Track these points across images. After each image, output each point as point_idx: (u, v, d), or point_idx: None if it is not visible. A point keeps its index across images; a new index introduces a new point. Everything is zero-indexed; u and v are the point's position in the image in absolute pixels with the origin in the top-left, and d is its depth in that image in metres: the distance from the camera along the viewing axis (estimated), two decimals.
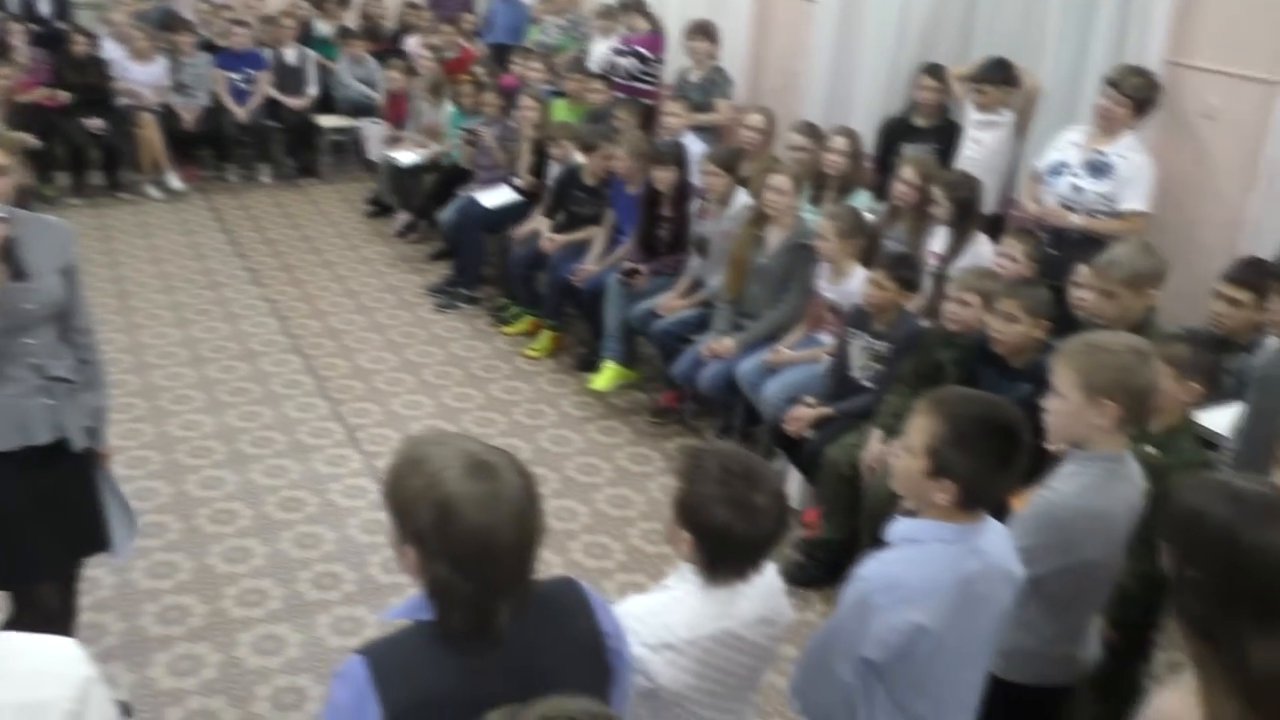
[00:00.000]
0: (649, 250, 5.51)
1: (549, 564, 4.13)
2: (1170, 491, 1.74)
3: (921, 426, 2.03)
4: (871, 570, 2.04)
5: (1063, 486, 2.35)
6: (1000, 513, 2.44)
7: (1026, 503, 2.40)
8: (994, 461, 1.97)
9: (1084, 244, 4.32)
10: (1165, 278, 3.51)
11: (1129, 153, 4.39)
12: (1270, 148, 4.14)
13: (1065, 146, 4.59)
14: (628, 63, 7.25)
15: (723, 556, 1.93)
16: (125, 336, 5.83)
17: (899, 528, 2.08)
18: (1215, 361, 2.96)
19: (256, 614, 3.77)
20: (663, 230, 5.49)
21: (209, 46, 8.57)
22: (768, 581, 2.06)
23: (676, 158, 5.35)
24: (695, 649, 1.94)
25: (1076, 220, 4.44)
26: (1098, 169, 4.42)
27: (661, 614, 1.95)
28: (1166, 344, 2.92)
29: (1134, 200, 4.36)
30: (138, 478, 4.51)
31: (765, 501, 1.89)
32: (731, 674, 2.03)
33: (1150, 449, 2.85)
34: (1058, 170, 4.56)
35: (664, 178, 5.33)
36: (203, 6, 8.96)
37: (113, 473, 3.10)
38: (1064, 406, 2.32)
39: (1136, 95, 4.35)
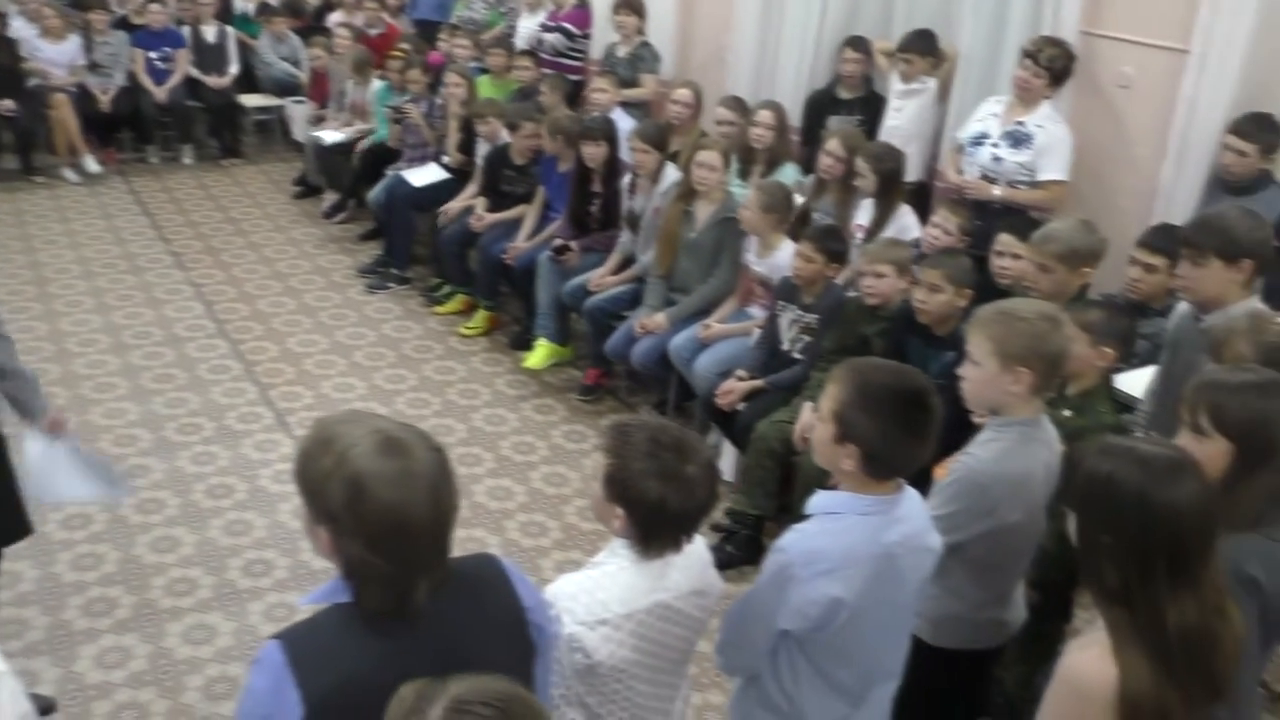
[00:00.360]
0: (580, 227, 5.49)
1: (485, 543, 4.12)
2: (1076, 462, 1.78)
3: (831, 393, 2.05)
4: (790, 542, 2.05)
5: (981, 452, 2.39)
6: (923, 483, 2.49)
7: (947, 471, 2.44)
8: (896, 426, 1.98)
9: (1005, 214, 4.41)
10: (1103, 257, 3.56)
11: (1047, 123, 4.47)
12: (1180, 117, 4.24)
13: (985, 117, 4.67)
14: (554, 38, 7.21)
15: (656, 530, 1.93)
16: (44, 324, 5.68)
17: (818, 500, 2.10)
18: (1129, 326, 3.03)
19: (186, 604, 3.72)
20: (594, 207, 5.47)
21: (125, 24, 8.33)
22: (698, 553, 2.07)
23: (607, 134, 5.33)
24: (631, 623, 1.95)
25: (997, 191, 4.51)
26: (1017, 139, 4.50)
27: (595, 590, 1.95)
28: (1081, 310, 2.99)
29: (1053, 170, 4.44)
30: None
31: (696, 472, 1.89)
32: (668, 646, 2.05)
33: (1067, 412, 2.92)
34: (979, 141, 4.63)
35: (594, 154, 5.31)
36: None
37: (70, 433, 3.06)
38: (979, 374, 2.36)
39: (1053, 66, 4.43)
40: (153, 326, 5.78)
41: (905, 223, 4.62)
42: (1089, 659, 1.71)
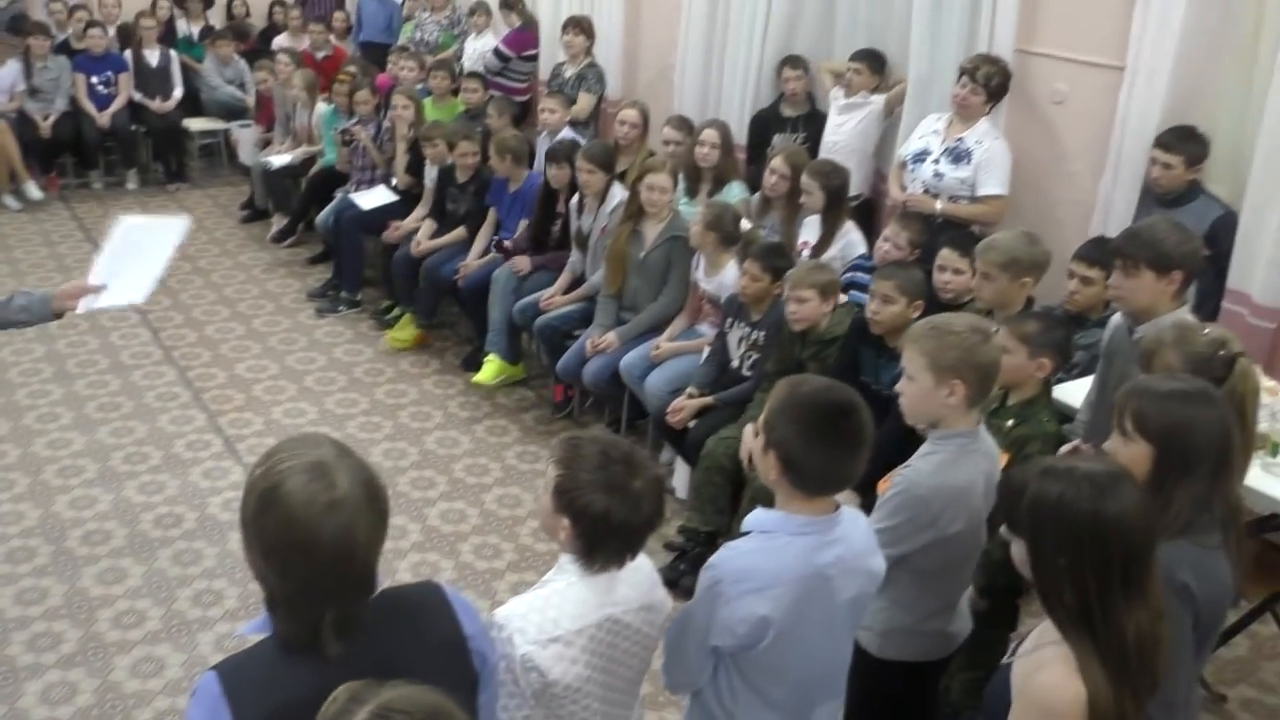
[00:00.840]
0: (539, 246, 5.51)
1: (439, 567, 4.11)
2: (1016, 488, 1.80)
3: (765, 403, 2.10)
4: (721, 559, 2.07)
5: (921, 465, 2.43)
6: (871, 500, 2.53)
7: (889, 485, 2.48)
8: (815, 434, 1.99)
9: (947, 228, 4.51)
10: (1045, 268, 3.65)
11: (985, 139, 4.59)
12: (1115, 131, 4.35)
13: (927, 135, 4.78)
14: (488, 60, 7.26)
15: (601, 542, 1.93)
16: None
17: (753, 518, 2.11)
18: (1064, 337, 3.10)
19: (134, 636, 3.66)
20: (555, 227, 5.49)
21: (66, 49, 8.22)
22: (644, 569, 2.08)
23: (570, 157, 5.34)
24: (582, 638, 1.96)
25: (939, 206, 4.62)
26: (957, 155, 4.61)
27: (545, 609, 1.95)
28: (1018, 322, 3.05)
29: (992, 185, 4.56)
30: (2, 501, 4.35)
31: (643, 487, 1.91)
32: (620, 663, 2.06)
33: (1009, 421, 2.98)
34: (920, 157, 4.73)
35: (558, 176, 5.33)
36: (56, 7, 8.59)
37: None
38: (915, 388, 2.41)
39: (989, 83, 4.54)
40: (98, 354, 5.70)
41: (851, 239, 4.68)
42: (1055, 678, 1.73)
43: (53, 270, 6.77)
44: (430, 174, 6.18)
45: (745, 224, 4.77)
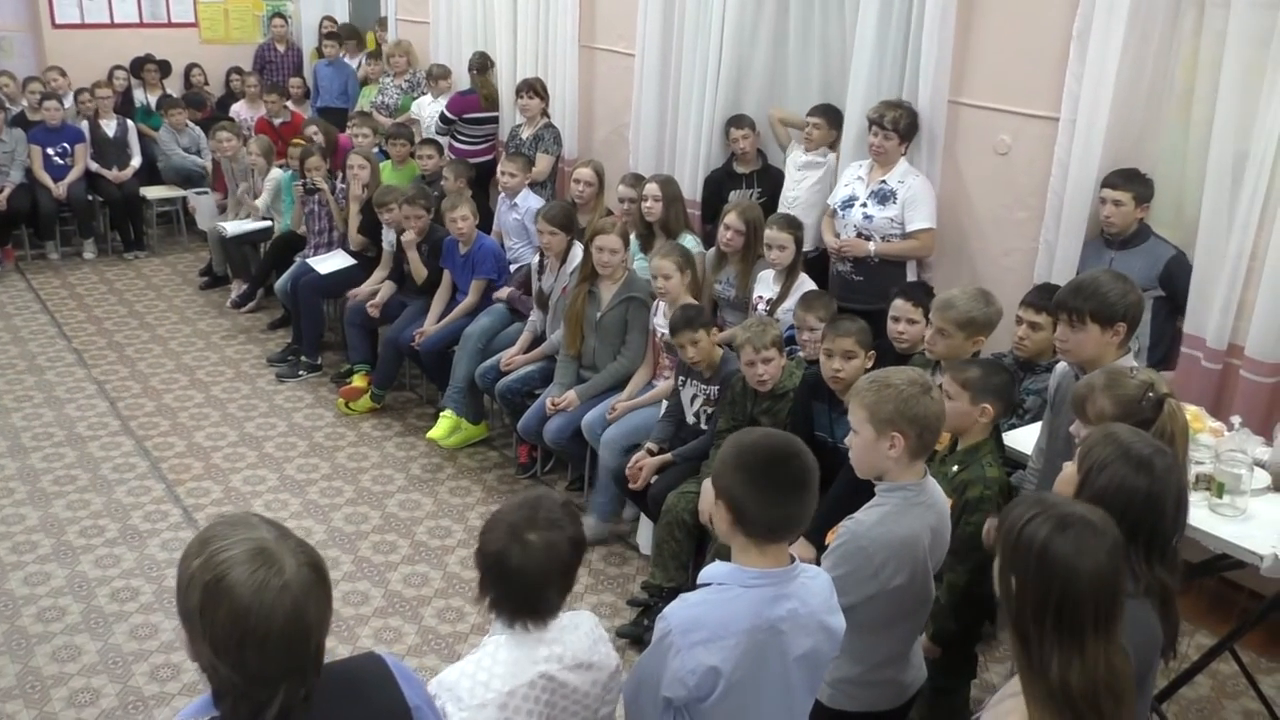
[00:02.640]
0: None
1: (402, 632, 4.06)
2: (1009, 525, 1.80)
3: (716, 458, 2.15)
4: (673, 610, 2.07)
5: (864, 517, 2.45)
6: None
7: (835, 535, 2.50)
8: (760, 478, 2.02)
9: (883, 266, 4.76)
10: (995, 325, 3.76)
11: (907, 178, 4.79)
12: (1055, 180, 4.46)
13: (852, 182, 4.96)
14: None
15: (503, 591, 1.97)
16: None
17: (708, 570, 2.13)
18: (1006, 382, 3.15)
19: (89, 715, 3.59)
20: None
21: (21, 121, 8.22)
22: (584, 627, 2.10)
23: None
24: (515, 699, 1.95)
25: (872, 247, 4.79)
26: (882, 197, 4.81)
27: (475, 673, 1.95)
28: (959, 369, 3.10)
29: (919, 220, 4.76)
30: None
31: (538, 540, 1.95)
32: None
33: (954, 467, 3.02)
34: (849, 203, 4.90)
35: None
36: (4, 80, 8.59)
37: None
38: (859, 441, 2.46)
39: (898, 126, 4.73)
40: (53, 427, 5.63)
41: (807, 291, 4.74)
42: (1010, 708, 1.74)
43: (8, 343, 6.71)
44: (388, 237, 6.21)
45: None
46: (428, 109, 7.81)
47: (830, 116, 5.35)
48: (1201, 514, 3.01)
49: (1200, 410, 3.56)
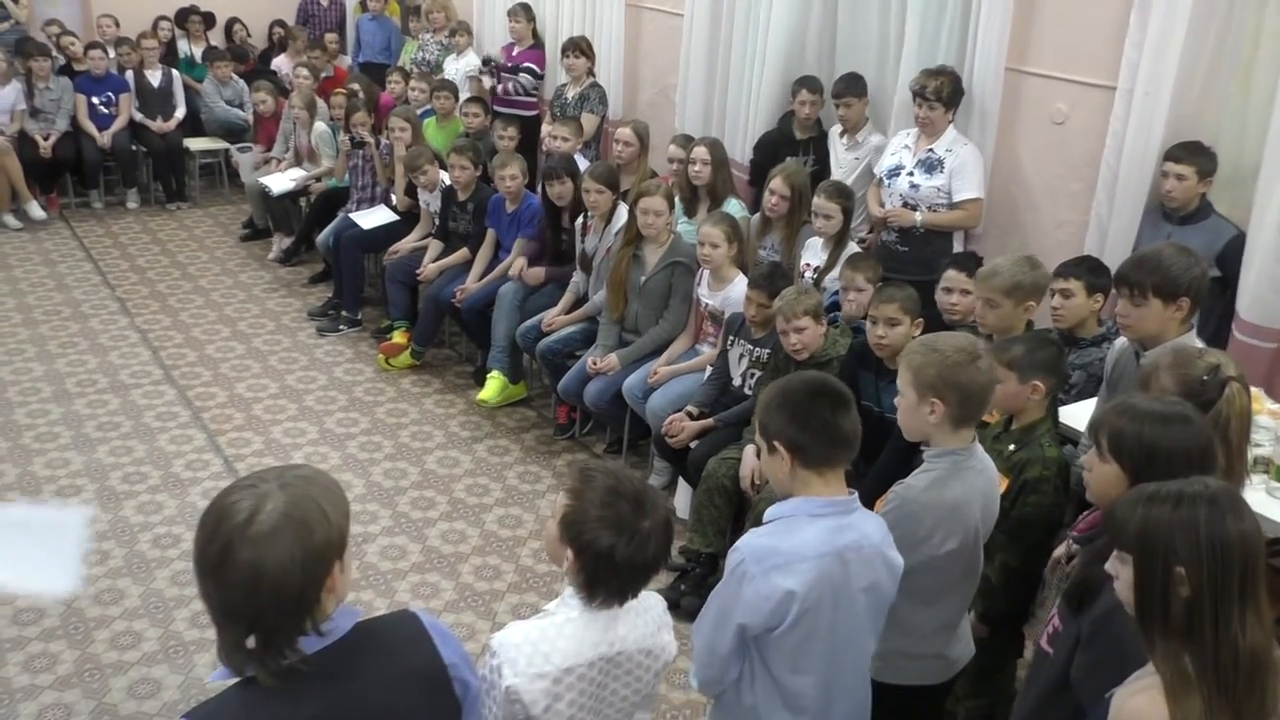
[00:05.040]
0: (556, 261, 5.52)
1: (439, 588, 4.09)
2: (1124, 515, 1.76)
3: (757, 412, 2.26)
4: (745, 542, 2.15)
5: (914, 481, 2.44)
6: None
7: (885, 502, 2.48)
8: (803, 409, 2.15)
9: (929, 236, 4.67)
10: (1044, 289, 3.66)
11: (955, 146, 4.68)
12: (1111, 152, 4.35)
13: (899, 150, 4.86)
14: (523, 79, 7.25)
15: (603, 579, 1.92)
16: None
17: (774, 508, 2.20)
18: (1053, 356, 3.04)
19: (131, 657, 3.64)
20: (564, 243, 5.50)
21: (68, 70, 8.25)
22: (654, 611, 2.07)
23: (570, 171, 5.36)
24: (570, 677, 1.93)
25: (918, 217, 4.70)
26: (929, 166, 4.71)
27: (539, 642, 1.93)
28: (1002, 348, 3.01)
29: (968, 189, 4.64)
30: None
31: (651, 528, 1.91)
32: (609, 704, 2.03)
33: (1011, 446, 2.96)
34: (895, 172, 4.82)
35: (561, 192, 5.34)
36: (52, 29, 8.62)
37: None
38: (904, 404, 2.46)
39: (940, 95, 4.62)
40: (97, 374, 5.69)
41: (856, 252, 4.68)
42: (1142, 705, 1.70)
43: (53, 290, 6.77)
44: (424, 196, 6.19)
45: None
46: (450, 66, 7.78)
47: (856, 89, 5.24)
48: (1259, 497, 2.95)
49: (1260, 391, 3.48)
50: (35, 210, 7.86)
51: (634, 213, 4.78)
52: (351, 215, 6.57)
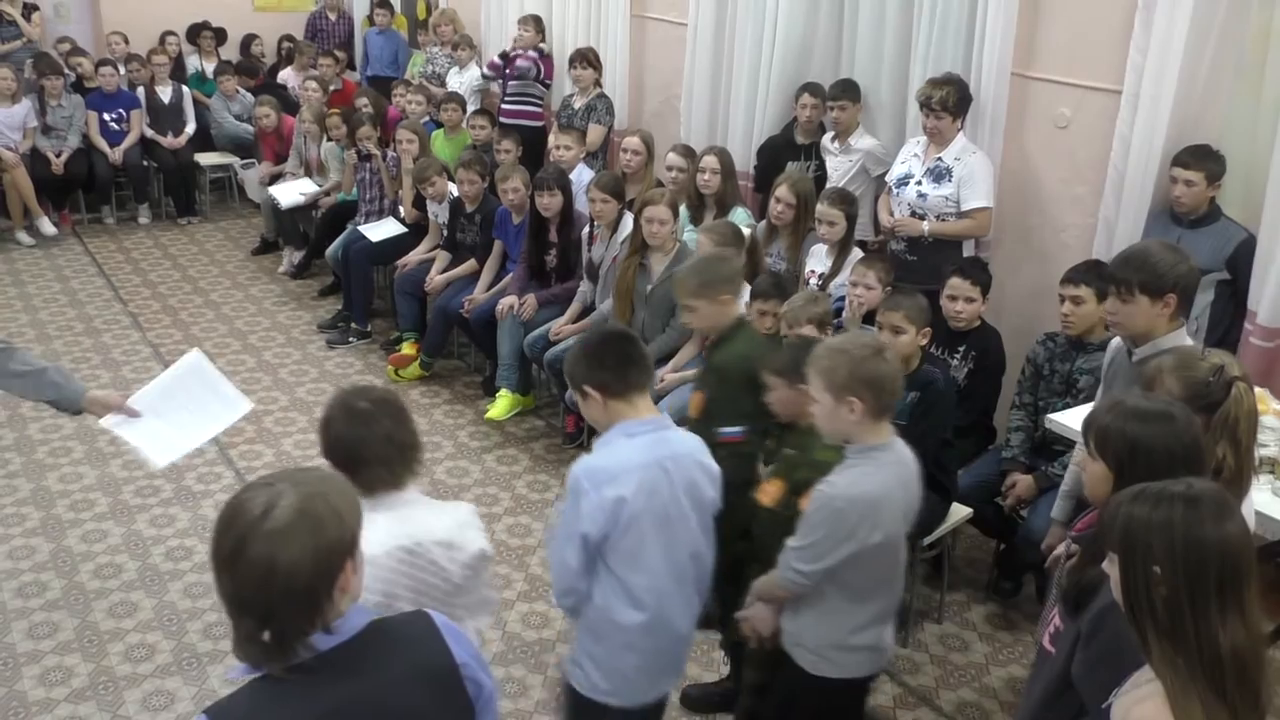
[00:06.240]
0: (538, 277, 5.54)
1: None
2: (1112, 515, 1.76)
3: (565, 367, 2.59)
4: (577, 466, 2.45)
5: (836, 479, 2.52)
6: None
7: (809, 501, 2.57)
8: (595, 348, 2.51)
9: (938, 245, 4.64)
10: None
11: (963, 155, 4.66)
12: (1117, 156, 4.36)
13: (908, 159, 4.86)
14: (525, 64, 7.20)
15: (354, 464, 2.20)
16: None
17: (598, 440, 2.51)
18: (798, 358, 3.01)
19: (145, 670, 3.67)
20: (550, 256, 5.52)
21: (79, 87, 8.33)
22: (459, 515, 2.37)
23: (561, 184, 5.39)
24: (372, 567, 2.00)
25: (926, 226, 4.68)
26: (938, 175, 4.69)
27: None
28: (771, 360, 3.06)
29: (976, 198, 4.61)
30: (15, 535, 4.37)
31: (369, 406, 2.26)
32: (423, 593, 2.20)
33: (788, 450, 2.95)
34: (904, 181, 4.80)
35: (549, 204, 5.36)
36: (63, 46, 8.71)
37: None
38: (820, 409, 2.54)
39: (946, 105, 4.60)
40: (110, 388, 5.71)
41: (871, 252, 4.71)
42: (1149, 713, 1.69)
43: (66, 305, 6.83)
44: (432, 208, 6.23)
45: (745, 230, 4.79)
46: (454, 80, 7.83)
47: (851, 94, 5.27)
48: (1264, 497, 2.95)
49: (1265, 392, 3.48)
50: (47, 226, 7.94)
51: (639, 221, 4.80)
52: (360, 228, 6.61)
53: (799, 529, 2.55)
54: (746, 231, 4.84)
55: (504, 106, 7.35)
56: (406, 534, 2.20)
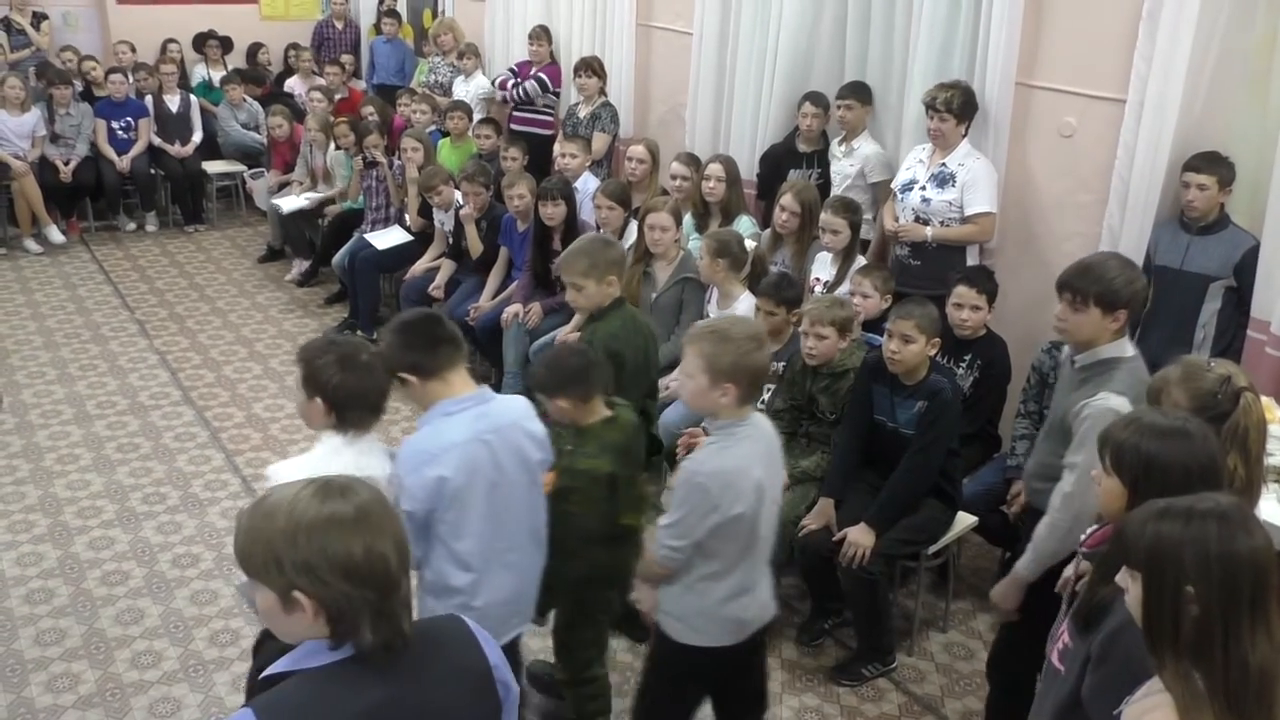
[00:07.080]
0: (542, 285, 5.55)
1: None
2: (1135, 531, 1.74)
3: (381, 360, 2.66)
4: (401, 451, 2.57)
5: (698, 455, 2.60)
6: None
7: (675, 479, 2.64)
8: (409, 335, 2.61)
9: (941, 250, 4.66)
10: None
11: (967, 160, 4.68)
12: (1121, 164, 4.36)
13: (913, 165, 4.87)
14: (530, 86, 7.26)
15: (346, 409, 2.47)
16: (5, 397, 5.64)
17: (420, 419, 2.62)
18: (578, 369, 3.12)
19: (152, 676, 3.68)
20: (555, 264, 5.52)
21: (87, 95, 8.37)
22: (377, 448, 2.60)
23: (565, 193, 5.40)
24: None
25: (929, 232, 4.70)
26: (942, 180, 4.70)
27: (307, 469, 2.17)
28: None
29: (979, 204, 4.63)
30: (23, 542, 4.38)
31: (369, 359, 2.50)
32: None
33: (568, 446, 3.07)
34: (908, 187, 4.82)
35: (553, 214, 5.38)
36: (67, 55, 8.76)
37: None
38: (693, 386, 2.59)
39: (951, 107, 4.61)
40: (117, 396, 5.75)
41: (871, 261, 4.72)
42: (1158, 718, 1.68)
43: (73, 313, 6.86)
44: (438, 216, 6.24)
45: (750, 244, 4.79)
46: (459, 89, 7.85)
47: (861, 95, 5.29)
48: (1272, 506, 2.95)
49: (1271, 401, 3.48)
50: (55, 234, 7.98)
51: (643, 229, 4.81)
52: (366, 236, 6.64)
53: (670, 506, 2.61)
54: (750, 243, 4.85)
55: (514, 114, 7.38)
56: (358, 466, 2.40)
